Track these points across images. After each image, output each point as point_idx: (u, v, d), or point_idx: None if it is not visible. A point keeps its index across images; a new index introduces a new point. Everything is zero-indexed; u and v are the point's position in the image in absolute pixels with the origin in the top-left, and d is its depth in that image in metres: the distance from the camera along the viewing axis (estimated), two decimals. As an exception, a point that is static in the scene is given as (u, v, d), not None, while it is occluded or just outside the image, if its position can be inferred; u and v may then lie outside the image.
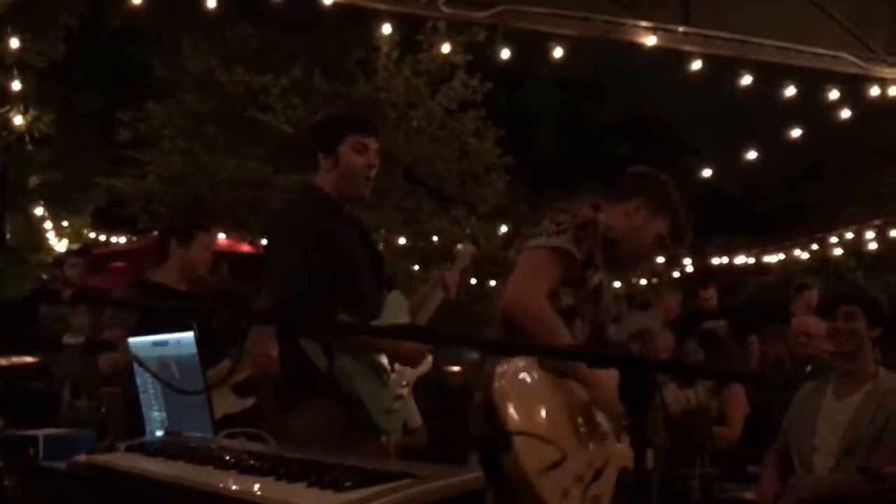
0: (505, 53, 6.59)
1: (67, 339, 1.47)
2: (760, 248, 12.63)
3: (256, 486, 1.22)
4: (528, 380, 2.24)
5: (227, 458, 1.42)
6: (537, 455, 2.12)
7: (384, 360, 2.69)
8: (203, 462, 1.44)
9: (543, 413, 2.23)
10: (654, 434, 3.83)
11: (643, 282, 13.26)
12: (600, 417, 2.38)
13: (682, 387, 4.80)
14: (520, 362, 2.25)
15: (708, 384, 4.96)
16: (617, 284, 11.96)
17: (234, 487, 1.23)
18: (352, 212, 2.93)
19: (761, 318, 8.38)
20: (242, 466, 1.34)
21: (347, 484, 1.12)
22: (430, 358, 2.95)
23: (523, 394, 2.20)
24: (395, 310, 2.83)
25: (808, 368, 4.97)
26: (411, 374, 2.83)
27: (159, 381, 1.82)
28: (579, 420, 2.31)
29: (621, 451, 2.40)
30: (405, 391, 2.79)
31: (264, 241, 3.07)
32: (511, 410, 2.14)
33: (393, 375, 2.71)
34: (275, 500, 1.11)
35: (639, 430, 1.24)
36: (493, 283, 9.58)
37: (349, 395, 2.57)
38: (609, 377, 2.38)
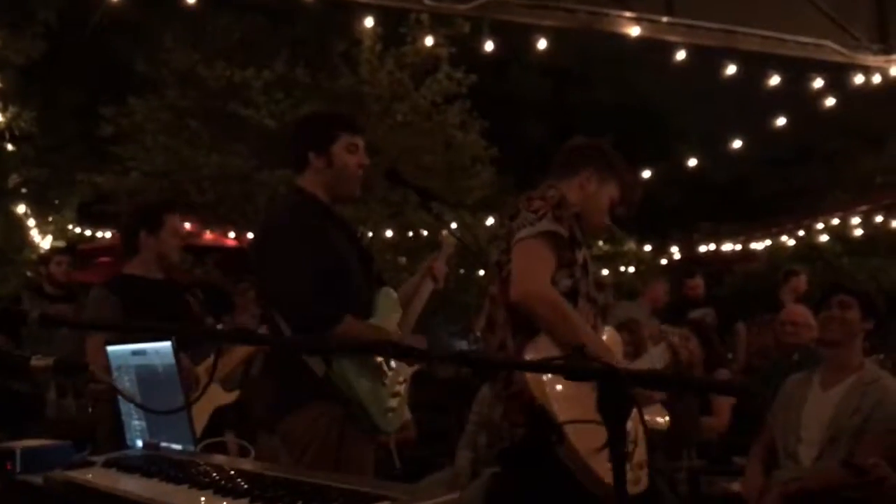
0: (489, 45, 6.57)
1: (35, 362, 1.43)
2: (747, 235, 12.68)
3: (230, 510, 1.20)
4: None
5: (204, 477, 1.40)
6: (589, 437, 2.17)
7: (381, 359, 2.68)
8: (179, 481, 1.42)
9: (583, 395, 2.26)
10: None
11: (631, 269, 13.29)
12: None
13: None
14: (540, 351, 2.30)
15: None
16: (605, 272, 11.98)
17: (208, 511, 1.21)
18: (340, 212, 2.91)
19: (748, 306, 8.41)
20: (218, 486, 1.32)
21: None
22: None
23: (558, 381, 2.26)
24: (387, 307, 2.82)
25: (795, 357, 5.00)
26: (407, 371, 2.82)
27: (135, 404, 1.79)
28: None
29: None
30: (402, 388, 2.77)
31: (254, 244, 2.98)
32: (556, 402, 2.21)
33: (390, 373, 2.70)
34: (248, 526, 1.09)
35: (617, 445, 1.22)
36: (482, 272, 9.57)
37: (350, 398, 2.55)
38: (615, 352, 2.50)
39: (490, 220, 9.61)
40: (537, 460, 2.32)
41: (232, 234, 10.10)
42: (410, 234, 10.05)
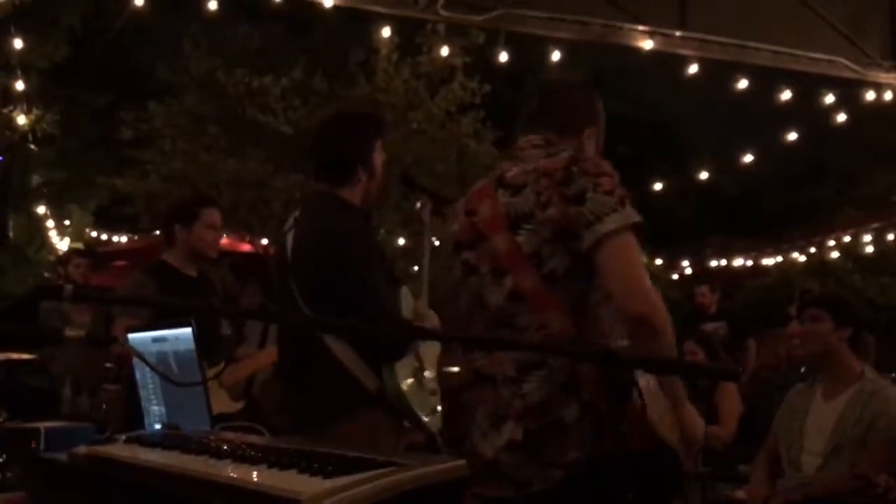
0: (504, 56, 6.66)
1: (69, 332, 1.51)
2: (758, 251, 12.69)
3: (250, 473, 1.28)
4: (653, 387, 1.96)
5: (223, 447, 1.48)
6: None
7: (417, 363, 2.71)
8: (199, 452, 1.50)
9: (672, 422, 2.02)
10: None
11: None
12: None
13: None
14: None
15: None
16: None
17: (228, 474, 1.29)
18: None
19: (759, 321, 8.42)
20: (237, 455, 1.40)
21: (335, 470, 1.18)
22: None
23: (661, 406, 1.93)
24: (407, 306, 2.87)
25: (802, 369, 5.02)
26: (433, 366, 2.85)
27: (157, 373, 1.87)
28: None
29: None
30: (435, 384, 2.79)
31: (310, 254, 2.70)
32: (666, 425, 1.91)
33: (426, 373, 2.73)
34: (266, 485, 1.17)
35: (615, 426, 1.29)
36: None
37: (402, 408, 2.60)
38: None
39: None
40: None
41: (248, 239, 10.19)
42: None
